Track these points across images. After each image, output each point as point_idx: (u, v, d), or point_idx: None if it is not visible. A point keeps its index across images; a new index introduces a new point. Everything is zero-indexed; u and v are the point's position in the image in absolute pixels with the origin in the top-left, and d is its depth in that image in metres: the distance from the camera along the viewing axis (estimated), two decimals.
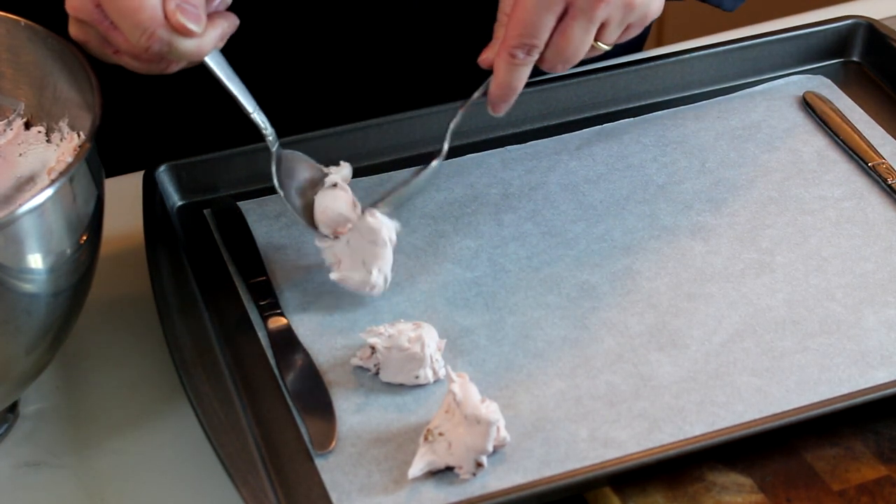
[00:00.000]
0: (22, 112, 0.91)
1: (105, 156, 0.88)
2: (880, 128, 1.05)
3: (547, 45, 0.90)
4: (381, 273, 0.91)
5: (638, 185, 1.01)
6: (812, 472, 0.82)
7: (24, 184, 0.89)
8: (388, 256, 0.91)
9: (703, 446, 0.82)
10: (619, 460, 0.81)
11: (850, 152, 1.03)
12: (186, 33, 0.84)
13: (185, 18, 0.83)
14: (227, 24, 0.88)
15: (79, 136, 0.88)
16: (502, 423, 0.81)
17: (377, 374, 0.87)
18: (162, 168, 0.99)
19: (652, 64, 1.09)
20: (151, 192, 0.98)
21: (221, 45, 0.88)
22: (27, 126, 0.91)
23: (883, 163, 1.01)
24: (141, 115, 1.19)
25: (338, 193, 0.92)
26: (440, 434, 0.81)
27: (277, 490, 0.80)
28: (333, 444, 0.83)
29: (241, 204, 1.00)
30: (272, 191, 1.01)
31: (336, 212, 0.91)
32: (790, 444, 0.83)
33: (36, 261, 0.78)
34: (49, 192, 0.77)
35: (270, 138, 0.92)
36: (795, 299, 0.91)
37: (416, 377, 0.86)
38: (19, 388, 0.86)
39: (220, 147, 1.01)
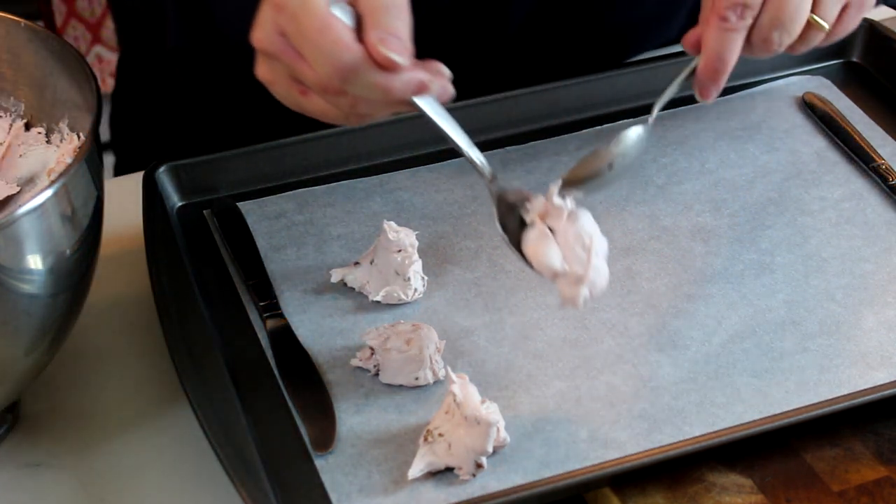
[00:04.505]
0: (22, 113, 0.91)
1: (123, 156, 0.86)
2: (880, 129, 1.05)
3: (761, 11, 0.84)
4: (417, 275, 0.91)
5: (638, 185, 1.01)
6: (812, 473, 0.82)
7: (25, 185, 0.89)
8: (417, 259, 0.91)
9: (702, 447, 0.82)
10: (619, 461, 0.81)
11: (850, 153, 1.03)
12: (390, 67, 0.76)
13: (387, 49, 0.76)
14: (439, 72, 0.79)
15: (78, 136, 0.88)
16: (502, 424, 0.81)
17: (377, 375, 0.87)
18: (162, 168, 0.99)
19: (652, 64, 1.09)
20: (151, 193, 0.98)
21: (438, 90, 0.79)
22: (27, 127, 0.91)
23: (883, 163, 1.01)
24: (148, 114, 1.19)
25: (544, 241, 0.83)
26: (440, 435, 0.81)
27: (277, 491, 0.80)
28: (333, 444, 0.83)
29: (240, 204, 1.00)
30: (272, 191, 1.01)
31: (545, 264, 0.83)
32: (790, 445, 0.83)
33: (35, 261, 0.78)
34: (48, 193, 0.77)
35: (488, 176, 0.84)
36: (795, 300, 0.91)
37: (416, 378, 0.86)
38: (19, 389, 0.86)
39: (220, 147, 1.01)
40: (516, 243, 0.84)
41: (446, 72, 0.79)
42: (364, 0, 0.78)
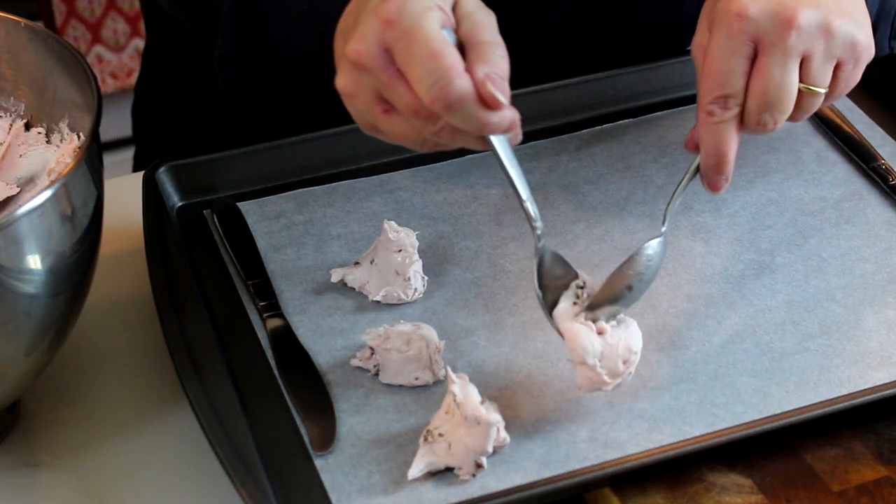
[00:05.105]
0: (22, 113, 0.91)
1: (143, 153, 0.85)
2: (880, 128, 1.05)
3: (747, 95, 0.84)
4: (417, 275, 0.91)
5: (638, 185, 1.01)
6: (812, 473, 0.82)
7: (25, 185, 0.89)
8: (417, 259, 0.91)
9: (702, 447, 0.82)
10: (619, 461, 0.81)
11: (850, 153, 1.03)
12: (494, 105, 0.77)
13: (494, 88, 0.77)
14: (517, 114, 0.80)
15: (78, 137, 0.88)
16: (502, 424, 0.81)
17: (377, 375, 0.87)
18: (162, 168, 0.99)
19: (652, 64, 1.09)
20: (151, 193, 0.98)
21: (512, 132, 0.80)
22: (27, 127, 0.91)
23: (883, 163, 1.01)
24: (171, 108, 1.19)
25: (586, 328, 0.83)
26: (440, 435, 0.81)
27: (277, 491, 0.80)
28: (333, 444, 0.83)
29: (240, 204, 1.00)
30: (272, 191, 1.01)
31: (579, 352, 0.82)
32: (790, 445, 0.83)
33: (35, 262, 0.78)
34: (48, 193, 0.77)
35: (538, 232, 0.84)
36: (795, 300, 0.91)
37: (416, 378, 0.86)
38: (19, 389, 0.86)
39: (220, 147, 1.01)
40: (550, 306, 0.84)
41: (518, 116, 0.80)
42: (472, 32, 0.79)
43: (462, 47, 0.79)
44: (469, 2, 0.80)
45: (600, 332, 0.82)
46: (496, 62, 0.78)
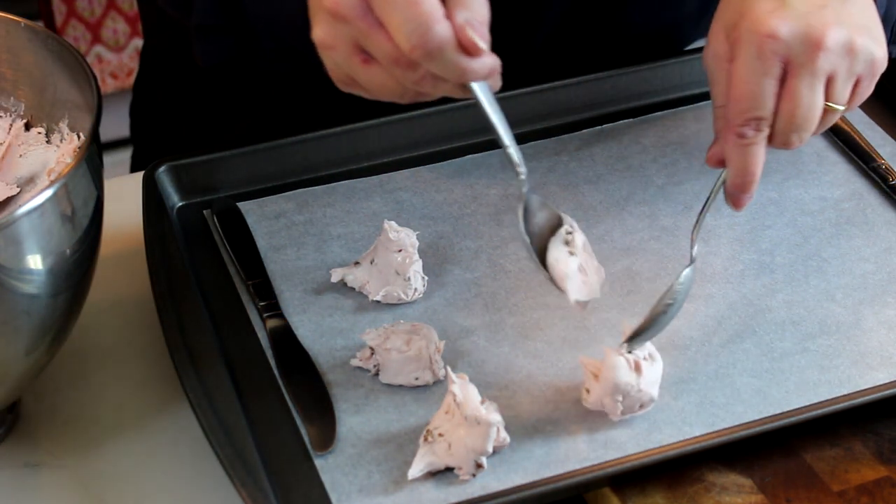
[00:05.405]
0: (22, 113, 0.91)
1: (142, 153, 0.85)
2: (880, 129, 1.06)
3: (775, 115, 0.84)
4: (417, 275, 0.91)
5: (637, 185, 1.01)
6: (812, 473, 0.82)
7: (25, 185, 0.89)
8: (417, 259, 0.91)
9: (702, 447, 0.82)
10: (619, 461, 0.81)
11: (850, 153, 1.03)
12: (473, 50, 0.76)
13: (473, 33, 0.76)
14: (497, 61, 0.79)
15: (78, 137, 0.88)
16: (502, 424, 0.81)
17: (377, 375, 0.87)
18: (162, 168, 0.99)
19: (652, 64, 1.09)
20: (151, 192, 0.98)
21: (492, 78, 0.80)
22: (27, 127, 0.91)
23: (883, 163, 1.01)
24: (169, 106, 1.19)
25: (565, 254, 0.84)
26: (440, 435, 0.81)
27: (277, 491, 0.80)
28: (333, 444, 0.83)
29: (240, 204, 1.00)
30: (272, 191, 1.01)
31: (563, 272, 0.84)
32: (790, 445, 0.83)
33: (35, 262, 0.78)
34: (48, 193, 0.77)
35: (522, 177, 0.83)
36: (795, 300, 0.91)
37: (416, 378, 0.86)
38: (19, 389, 0.86)
39: (220, 147, 1.01)
40: (538, 252, 0.84)
41: (499, 62, 0.79)
42: None
43: None
44: None
45: (637, 368, 0.82)
46: (475, 8, 0.77)
